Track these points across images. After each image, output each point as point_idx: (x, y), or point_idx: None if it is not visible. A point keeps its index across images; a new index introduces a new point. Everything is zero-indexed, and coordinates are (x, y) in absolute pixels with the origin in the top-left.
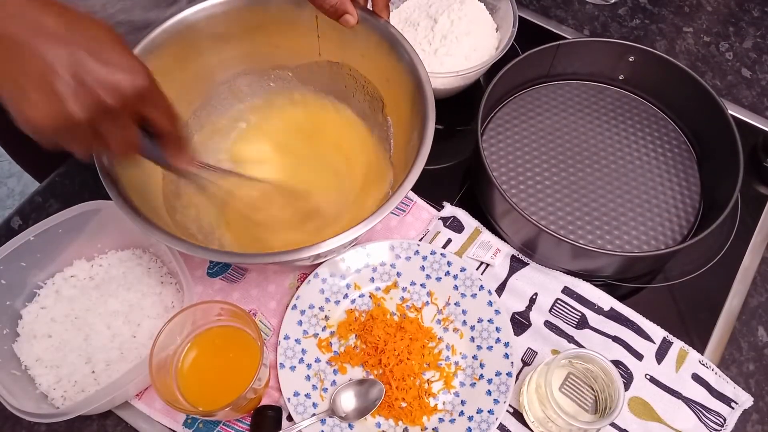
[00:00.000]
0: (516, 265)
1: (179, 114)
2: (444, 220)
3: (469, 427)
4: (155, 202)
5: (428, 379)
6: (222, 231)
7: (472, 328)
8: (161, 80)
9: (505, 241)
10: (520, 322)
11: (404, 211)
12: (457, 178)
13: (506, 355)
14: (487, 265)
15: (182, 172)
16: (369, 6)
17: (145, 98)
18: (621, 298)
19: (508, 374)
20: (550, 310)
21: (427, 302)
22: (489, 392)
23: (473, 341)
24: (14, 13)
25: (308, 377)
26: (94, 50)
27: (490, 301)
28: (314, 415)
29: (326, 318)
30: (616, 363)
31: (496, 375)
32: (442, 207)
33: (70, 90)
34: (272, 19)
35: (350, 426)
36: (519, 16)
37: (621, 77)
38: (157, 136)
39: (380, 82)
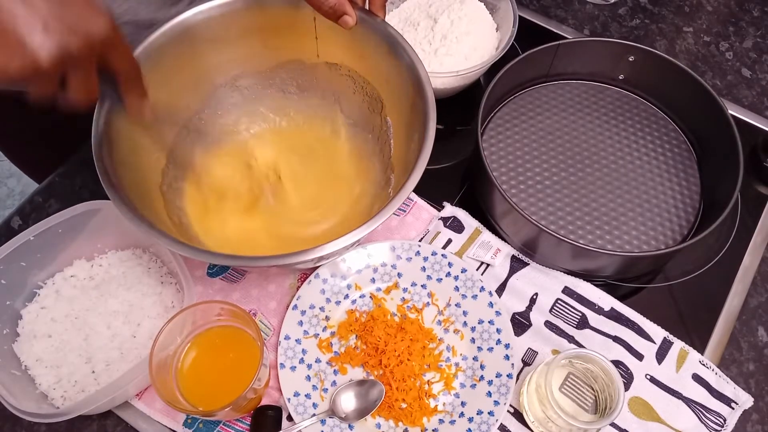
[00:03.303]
0: (516, 265)
1: (137, 61)
2: (444, 220)
3: (469, 429)
4: (155, 205)
5: (428, 380)
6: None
7: (473, 329)
8: (161, 83)
9: (506, 241)
10: (521, 323)
11: (404, 211)
12: (457, 178)
13: (507, 357)
14: (488, 265)
15: (141, 121)
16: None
17: (110, 45)
18: (621, 298)
19: (509, 376)
20: (550, 310)
21: (428, 303)
22: (489, 393)
23: (474, 342)
24: None
25: (308, 377)
26: None
27: (490, 303)
28: (314, 415)
29: (327, 318)
30: (617, 363)
31: (496, 376)
32: (443, 207)
33: (37, 36)
34: (270, 21)
35: (350, 427)
36: (519, 16)
37: (621, 77)
38: (118, 83)
39: (379, 83)
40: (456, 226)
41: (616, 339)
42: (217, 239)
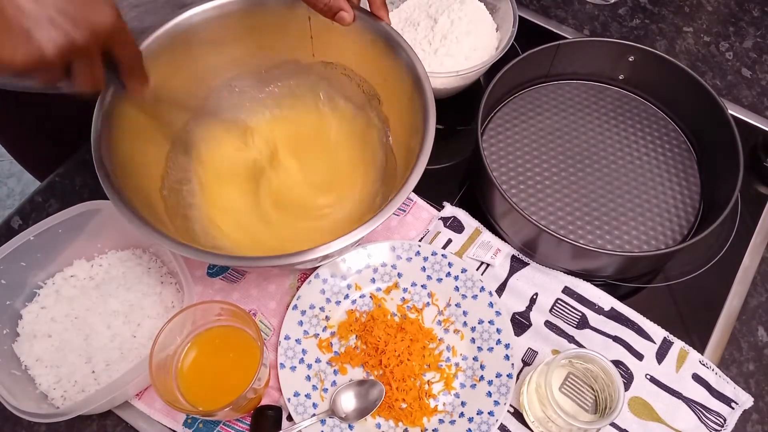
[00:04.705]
0: (516, 265)
1: (137, 45)
2: (444, 220)
3: (469, 429)
4: (155, 207)
5: (428, 380)
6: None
7: (473, 329)
8: (158, 86)
9: (506, 241)
10: (521, 322)
11: (404, 211)
12: (457, 178)
13: (507, 357)
14: (488, 265)
15: (142, 103)
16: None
17: (115, 35)
18: (621, 298)
19: (509, 376)
20: (550, 310)
21: (428, 303)
22: (489, 393)
23: (474, 342)
24: None
25: (308, 377)
26: None
27: (490, 303)
28: (314, 415)
29: (327, 318)
30: (617, 363)
31: (496, 376)
32: (443, 207)
33: (43, 28)
34: (265, 22)
35: (350, 426)
36: (519, 16)
37: (621, 77)
38: (121, 70)
39: (377, 81)
40: (456, 226)
41: (616, 339)
42: (229, 237)
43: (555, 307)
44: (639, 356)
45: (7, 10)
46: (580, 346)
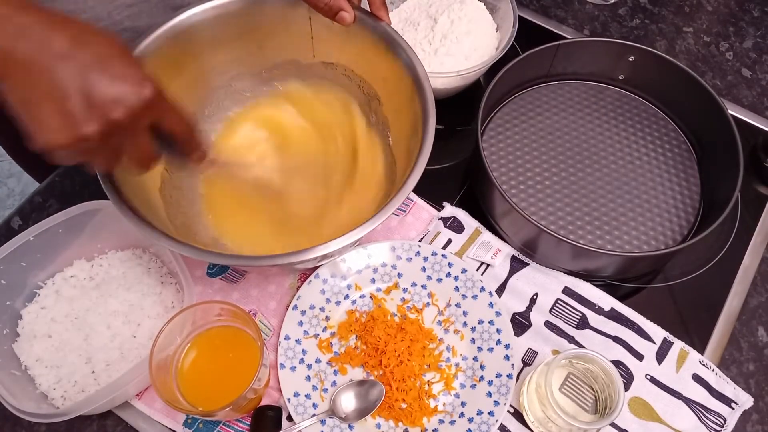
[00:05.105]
0: (516, 265)
1: (192, 115)
2: (444, 220)
3: (469, 429)
4: (155, 207)
5: (428, 381)
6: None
7: (473, 329)
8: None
9: (506, 241)
10: (521, 323)
11: (404, 212)
12: (457, 178)
13: (507, 357)
14: (488, 265)
15: (204, 170)
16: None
17: (154, 108)
18: (621, 298)
19: (509, 376)
20: (550, 311)
21: (428, 303)
22: (489, 394)
23: (474, 342)
24: (19, 28)
25: (308, 378)
26: (99, 65)
27: (490, 303)
28: (314, 415)
29: (327, 318)
30: (617, 363)
31: (496, 377)
32: (443, 207)
33: (80, 109)
34: (265, 22)
35: (350, 427)
36: (519, 16)
37: (621, 77)
38: (174, 142)
39: (377, 81)
40: (456, 226)
41: (616, 339)
42: (229, 236)
43: (555, 308)
44: (639, 356)
45: (43, 85)
46: (580, 346)
